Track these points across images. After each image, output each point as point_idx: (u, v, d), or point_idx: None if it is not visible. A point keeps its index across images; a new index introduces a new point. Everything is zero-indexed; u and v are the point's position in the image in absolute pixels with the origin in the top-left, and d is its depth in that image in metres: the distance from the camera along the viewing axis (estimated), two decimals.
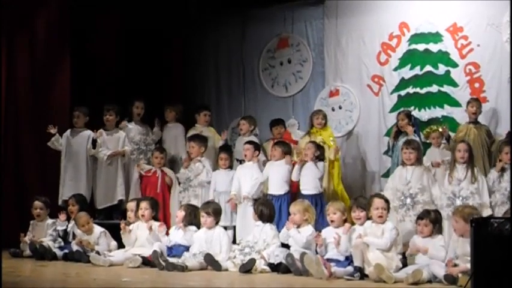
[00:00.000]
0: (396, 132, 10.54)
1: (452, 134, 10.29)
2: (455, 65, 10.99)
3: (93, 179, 10.69)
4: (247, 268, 8.15)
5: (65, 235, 9.76)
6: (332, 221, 8.44)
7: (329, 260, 7.93)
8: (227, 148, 10.65)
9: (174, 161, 11.01)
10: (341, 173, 10.66)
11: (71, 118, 10.67)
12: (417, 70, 11.21)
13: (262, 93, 12.56)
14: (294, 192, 9.79)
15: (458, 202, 8.61)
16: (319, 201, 9.42)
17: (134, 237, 9.27)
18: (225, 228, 9.34)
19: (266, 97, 12.51)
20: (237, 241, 9.44)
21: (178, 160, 10.94)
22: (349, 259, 7.99)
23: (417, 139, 10.01)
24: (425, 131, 10.31)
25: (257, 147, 10.16)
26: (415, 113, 10.90)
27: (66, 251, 9.33)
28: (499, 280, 5.82)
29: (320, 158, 9.76)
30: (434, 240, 7.97)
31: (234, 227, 9.84)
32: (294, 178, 9.70)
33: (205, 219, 8.92)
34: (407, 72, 11.28)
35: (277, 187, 9.70)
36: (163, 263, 8.34)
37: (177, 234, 9.08)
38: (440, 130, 10.13)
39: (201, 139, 10.42)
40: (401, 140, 10.27)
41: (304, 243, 8.36)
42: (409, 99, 11.23)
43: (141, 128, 11.07)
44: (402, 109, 10.83)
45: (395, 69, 11.40)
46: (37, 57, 10.95)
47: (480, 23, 10.79)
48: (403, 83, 11.31)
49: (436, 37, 11.11)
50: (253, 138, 10.73)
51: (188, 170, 10.23)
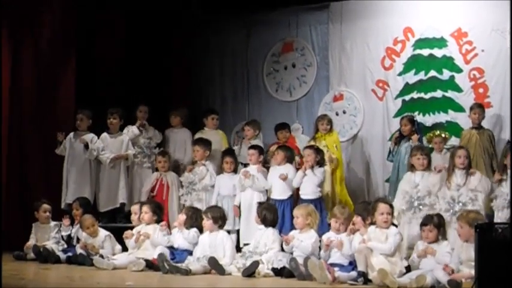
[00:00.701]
0: (397, 137, 10.52)
1: (457, 139, 10.32)
2: (459, 70, 10.99)
3: (96, 182, 10.70)
4: (250, 271, 8.13)
5: (69, 239, 9.75)
6: (336, 229, 8.44)
7: (332, 265, 7.91)
8: (231, 152, 10.65)
9: (178, 166, 10.99)
10: (344, 178, 10.67)
11: (75, 121, 10.67)
12: (421, 75, 11.21)
13: (266, 97, 12.57)
14: (297, 196, 9.79)
15: (457, 207, 8.62)
16: (318, 206, 9.38)
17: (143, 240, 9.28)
18: (228, 232, 9.33)
19: (270, 101, 12.51)
20: (240, 244, 9.46)
21: (184, 164, 10.91)
22: (352, 264, 7.97)
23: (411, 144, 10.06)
24: (427, 136, 10.32)
25: (261, 151, 10.18)
26: (419, 118, 10.91)
27: (69, 254, 9.31)
28: (503, 286, 5.82)
29: (320, 163, 9.76)
30: (440, 246, 7.94)
31: (238, 231, 9.83)
32: (296, 184, 9.71)
33: (205, 222, 8.92)
34: (411, 77, 11.29)
35: (280, 192, 9.69)
36: (167, 267, 8.33)
37: (179, 236, 9.07)
38: (443, 135, 10.14)
39: (205, 143, 10.42)
40: (403, 145, 10.30)
41: (310, 250, 8.33)
42: (414, 104, 11.23)
43: (145, 132, 11.07)
44: (406, 114, 10.82)
45: (399, 74, 11.40)
46: (42, 59, 10.96)
47: (485, 29, 10.81)
48: (408, 88, 11.31)
49: (441, 42, 11.12)
50: (257, 142, 10.75)
51: (192, 174, 10.24)
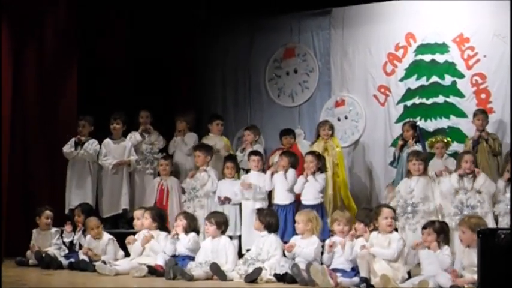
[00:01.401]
0: (402, 144, 10.51)
1: (459, 145, 10.33)
2: (461, 76, 10.99)
3: (98, 188, 10.71)
4: (252, 278, 8.11)
5: (71, 245, 9.75)
6: (339, 232, 8.44)
7: (335, 270, 7.91)
8: (232, 157, 10.64)
9: (185, 171, 10.99)
10: (347, 182, 10.68)
11: (77, 126, 10.66)
12: (423, 81, 11.21)
13: (268, 103, 12.57)
14: (299, 202, 9.79)
15: (466, 211, 8.65)
16: (319, 211, 9.39)
17: (140, 246, 9.27)
18: (230, 237, 9.31)
19: (272, 107, 12.51)
20: (242, 250, 9.45)
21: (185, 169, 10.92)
22: (355, 270, 7.97)
23: (421, 150, 10.05)
24: (429, 141, 10.33)
25: (262, 157, 10.22)
26: (421, 124, 10.91)
27: (72, 260, 9.29)
28: None
29: (321, 169, 9.76)
30: (441, 250, 7.93)
31: (239, 237, 9.82)
32: (297, 190, 9.71)
33: (207, 228, 8.92)
34: (413, 82, 11.29)
35: (282, 197, 9.71)
36: (171, 274, 8.32)
37: (180, 243, 9.07)
38: (444, 141, 10.15)
39: (207, 148, 10.42)
40: (405, 151, 10.30)
41: (312, 257, 8.32)
42: (415, 109, 11.23)
43: (148, 138, 11.07)
44: (408, 120, 10.83)
45: (401, 79, 11.41)
46: (45, 65, 10.95)
47: (487, 34, 10.82)
48: (409, 94, 11.31)
49: (443, 48, 11.12)
50: (258, 147, 10.76)
51: (194, 180, 10.23)
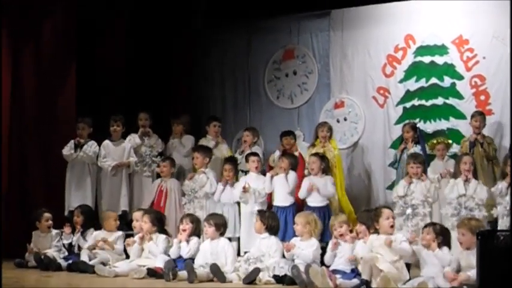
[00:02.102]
0: (404, 147, 10.49)
1: (458, 146, 10.34)
2: (460, 78, 10.99)
3: (97, 190, 10.71)
4: (251, 279, 8.13)
5: (70, 247, 9.76)
6: (339, 234, 8.45)
7: (334, 272, 7.93)
8: (231, 160, 10.63)
9: (184, 173, 10.99)
10: (344, 184, 10.68)
11: (76, 128, 10.67)
12: (423, 82, 11.21)
13: (267, 104, 12.56)
14: (299, 203, 9.80)
15: (463, 213, 8.66)
16: (326, 213, 9.43)
17: (139, 248, 9.27)
18: (229, 239, 9.31)
19: (271, 108, 12.51)
20: (241, 252, 9.45)
21: (187, 171, 10.92)
22: (354, 271, 7.99)
23: (420, 152, 10.05)
24: (430, 143, 10.33)
25: (260, 158, 10.22)
26: (421, 125, 10.91)
27: (70, 262, 9.30)
28: None
29: (325, 171, 9.76)
30: (441, 252, 7.93)
31: (238, 238, 9.81)
32: (302, 196, 9.71)
33: (206, 229, 8.93)
34: (412, 84, 11.29)
35: (282, 199, 9.70)
36: (171, 276, 8.32)
37: (182, 247, 9.07)
38: (446, 142, 10.15)
39: (205, 150, 10.41)
40: (405, 153, 10.30)
41: (311, 258, 8.34)
42: (415, 111, 11.23)
43: (145, 139, 11.06)
44: (407, 121, 10.82)
45: (400, 81, 11.40)
46: (43, 65, 10.95)
47: (486, 36, 10.81)
48: (409, 95, 11.31)
49: (442, 49, 11.12)
50: (256, 149, 10.75)
51: (192, 182, 10.22)
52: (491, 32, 10.75)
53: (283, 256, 8.54)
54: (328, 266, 8.18)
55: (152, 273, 8.61)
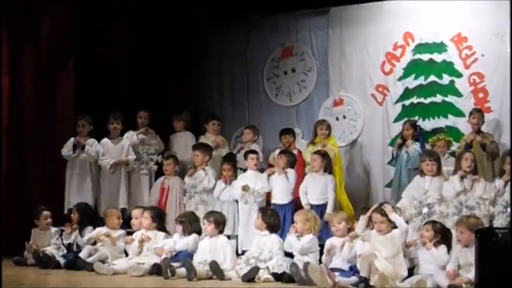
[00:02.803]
0: (401, 143, 10.50)
1: (457, 144, 10.34)
2: (459, 75, 10.99)
3: (97, 188, 10.71)
4: (250, 277, 8.15)
5: (69, 245, 9.76)
6: (338, 231, 8.45)
7: (333, 270, 7.92)
8: (231, 158, 10.64)
9: (183, 169, 10.98)
10: (344, 182, 10.68)
11: (75, 126, 10.66)
12: (421, 80, 11.21)
13: (266, 102, 12.55)
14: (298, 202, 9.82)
15: (464, 212, 8.64)
16: (324, 211, 9.43)
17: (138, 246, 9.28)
18: (228, 237, 9.31)
19: (270, 106, 12.50)
20: (239, 250, 9.46)
21: (187, 168, 10.91)
22: (353, 269, 7.99)
23: (419, 150, 10.05)
24: (431, 139, 10.32)
25: (259, 156, 10.23)
26: (419, 123, 10.88)
27: (69, 258, 9.32)
28: None
29: (328, 170, 9.77)
30: (439, 250, 7.93)
31: (237, 236, 9.81)
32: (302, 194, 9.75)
33: (206, 227, 8.93)
34: (411, 82, 11.29)
35: (281, 197, 9.70)
36: (169, 273, 8.33)
37: (180, 242, 9.08)
38: (447, 139, 10.15)
39: (205, 148, 10.41)
40: (404, 150, 10.31)
41: (300, 249, 8.37)
42: (413, 109, 11.23)
43: (144, 138, 11.07)
44: (407, 119, 10.82)
45: (399, 79, 11.40)
46: (42, 64, 10.92)
47: (484, 33, 10.80)
48: (407, 93, 11.31)
49: (441, 47, 11.12)
50: (255, 147, 10.75)
51: (192, 179, 10.22)
52: (490, 30, 10.74)
53: (284, 254, 8.55)
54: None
55: (152, 270, 8.62)
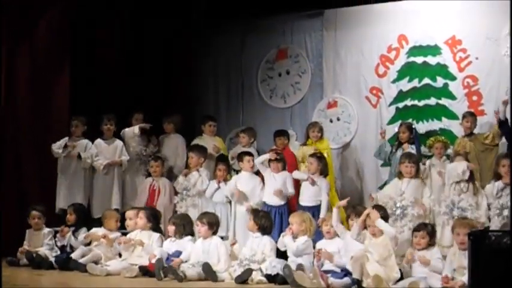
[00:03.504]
0: (397, 144, 10.52)
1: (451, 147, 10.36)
2: (453, 78, 10.99)
3: (90, 188, 10.69)
4: (243, 279, 8.15)
5: (63, 246, 9.74)
6: (328, 233, 8.48)
7: (325, 272, 7.93)
8: (224, 158, 10.64)
9: (172, 171, 10.99)
10: (335, 185, 10.70)
11: (69, 127, 10.65)
12: (415, 83, 11.21)
13: (260, 104, 12.54)
14: (292, 203, 9.83)
15: (455, 211, 8.67)
16: (316, 212, 9.42)
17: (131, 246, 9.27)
18: (222, 238, 9.30)
19: (264, 108, 12.49)
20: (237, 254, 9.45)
21: (176, 171, 10.92)
22: (344, 271, 8.00)
23: (415, 153, 10.07)
24: (430, 140, 10.30)
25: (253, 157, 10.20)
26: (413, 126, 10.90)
27: (61, 258, 9.29)
28: None
29: (324, 173, 9.77)
30: (431, 252, 7.97)
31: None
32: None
33: (199, 228, 8.93)
34: (405, 84, 11.29)
35: (275, 198, 9.69)
36: (162, 274, 8.32)
37: (172, 246, 9.08)
38: (444, 141, 10.16)
39: (200, 150, 10.41)
40: (398, 152, 10.31)
41: (294, 250, 8.40)
42: (407, 111, 11.23)
43: (140, 139, 11.06)
44: (404, 121, 10.80)
45: (393, 81, 11.40)
46: (37, 65, 10.90)
47: (479, 37, 10.80)
48: (401, 96, 11.31)
49: (435, 50, 11.13)
50: (251, 149, 10.75)
51: (186, 180, 10.22)
52: (484, 33, 10.73)
53: (276, 256, 8.55)
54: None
55: (145, 271, 8.61)
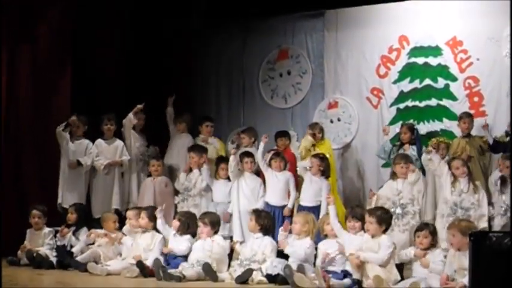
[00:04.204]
0: (399, 145, 10.51)
1: None
2: (454, 79, 10.99)
3: (90, 188, 10.69)
4: (243, 279, 8.14)
5: (63, 246, 9.73)
6: (326, 235, 8.52)
7: (327, 272, 7.93)
8: (226, 158, 10.64)
9: (173, 171, 10.98)
10: (336, 185, 10.68)
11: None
12: (416, 83, 11.21)
13: (261, 104, 12.54)
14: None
15: (459, 212, 8.67)
16: (317, 213, 9.41)
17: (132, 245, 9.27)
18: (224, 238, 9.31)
19: (265, 108, 12.49)
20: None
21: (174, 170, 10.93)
22: (343, 272, 8.01)
23: (415, 154, 10.06)
24: (431, 141, 10.26)
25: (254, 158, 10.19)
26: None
27: (61, 257, 9.32)
28: None
29: (326, 174, 9.78)
30: (433, 254, 7.96)
31: (231, 237, 9.80)
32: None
33: (201, 229, 8.92)
34: (406, 85, 11.29)
35: (278, 198, 9.72)
36: (161, 274, 8.32)
37: (174, 242, 9.07)
38: (446, 141, 10.16)
39: (200, 150, 10.41)
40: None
41: (303, 256, 8.36)
42: (408, 112, 11.23)
43: (142, 139, 11.07)
44: (402, 122, 10.80)
45: (394, 82, 11.40)
46: (38, 65, 10.90)
47: (480, 37, 10.80)
48: (402, 96, 11.31)
49: (436, 51, 11.13)
50: (253, 150, 10.73)
51: (187, 180, 10.23)
52: (485, 34, 10.74)
53: (277, 255, 8.55)
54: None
55: (141, 266, 8.61)
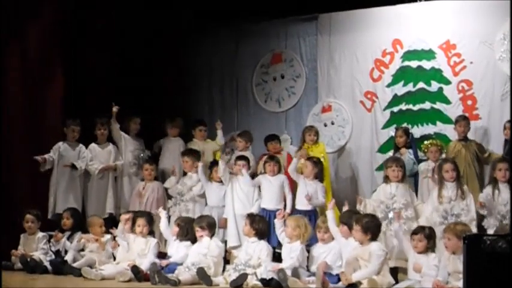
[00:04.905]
0: (394, 148, 10.53)
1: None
2: (448, 82, 11.01)
3: (84, 193, 10.67)
4: (238, 283, 8.14)
5: (57, 251, 9.71)
6: (322, 240, 8.56)
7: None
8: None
9: (165, 175, 10.97)
10: (331, 189, 10.68)
11: (63, 130, 10.64)
12: (410, 87, 11.22)
13: (255, 108, 12.55)
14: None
15: (450, 219, 8.63)
16: (313, 216, 9.42)
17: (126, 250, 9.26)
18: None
19: (259, 112, 12.49)
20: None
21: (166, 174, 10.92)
22: (338, 275, 8.01)
23: (412, 157, 10.08)
24: (424, 144, 10.29)
25: (248, 161, 10.20)
26: None
27: (55, 262, 9.29)
28: None
29: (319, 178, 9.78)
30: (428, 258, 7.96)
31: (225, 242, 9.78)
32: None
33: (200, 233, 8.92)
34: (400, 88, 11.30)
35: (272, 202, 9.71)
36: (157, 278, 8.31)
37: (173, 248, 9.08)
38: (439, 144, 10.16)
39: (194, 154, 10.41)
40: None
41: (295, 264, 8.35)
42: (402, 115, 11.24)
43: (137, 143, 11.07)
44: (399, 126, 10.82)
45: (388, 85, 11.41)
46: (29, 68, 10.86)
47: (473, 41, 10.82)
48: (396, 100, 11.32)
49: (429, 54, 11.14)
50: (248, 153, 10.73)
51: (180, 185, 10.22)
52: (478, 37, 10.75)
53: (272, 260, 8.56)
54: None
55: (136, 271, 8.59)
